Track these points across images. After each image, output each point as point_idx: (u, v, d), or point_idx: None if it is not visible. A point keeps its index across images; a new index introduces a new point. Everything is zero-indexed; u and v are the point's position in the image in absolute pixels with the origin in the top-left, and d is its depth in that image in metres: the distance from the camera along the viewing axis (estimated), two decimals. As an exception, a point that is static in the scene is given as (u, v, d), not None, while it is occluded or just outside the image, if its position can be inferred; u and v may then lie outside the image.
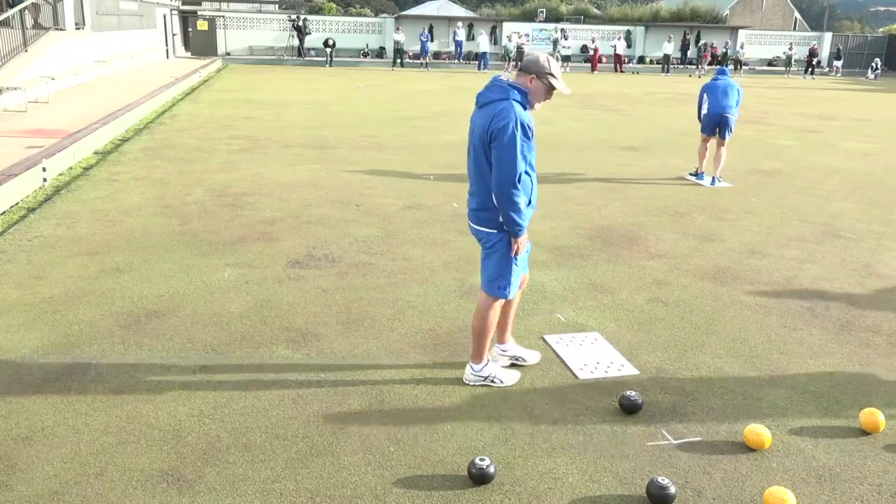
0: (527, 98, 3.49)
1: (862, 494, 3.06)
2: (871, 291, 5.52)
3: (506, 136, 3.36)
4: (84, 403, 3.57)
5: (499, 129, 3.37)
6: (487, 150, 3.45)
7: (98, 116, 12.60)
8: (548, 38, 38.05)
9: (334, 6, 66.90)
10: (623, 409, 3.62)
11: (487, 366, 3.86)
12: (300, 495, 2.95)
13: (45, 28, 16.35)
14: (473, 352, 3.85)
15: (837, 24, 79.81)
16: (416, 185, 8.63)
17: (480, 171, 3.53)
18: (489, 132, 3.41)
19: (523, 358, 4.08)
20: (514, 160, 3.38)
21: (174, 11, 32.06)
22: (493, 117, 3.40)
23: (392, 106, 16.88)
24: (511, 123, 3.36)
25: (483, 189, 3.54)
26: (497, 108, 3.43)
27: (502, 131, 3.36)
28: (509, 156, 3.37)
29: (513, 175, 3.39)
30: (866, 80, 35.44)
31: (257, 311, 4.78)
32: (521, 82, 3.51)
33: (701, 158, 9.67)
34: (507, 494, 2.99)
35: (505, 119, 3.37)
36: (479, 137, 3.48)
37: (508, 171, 3.39)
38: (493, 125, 3.39)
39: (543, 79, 3.49)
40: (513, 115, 3.38)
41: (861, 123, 16.72)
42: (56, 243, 6.08)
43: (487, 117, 3.44)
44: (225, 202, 7.57)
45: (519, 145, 3.38)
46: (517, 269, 3.70)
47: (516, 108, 3.42)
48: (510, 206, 3.43)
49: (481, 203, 3.57)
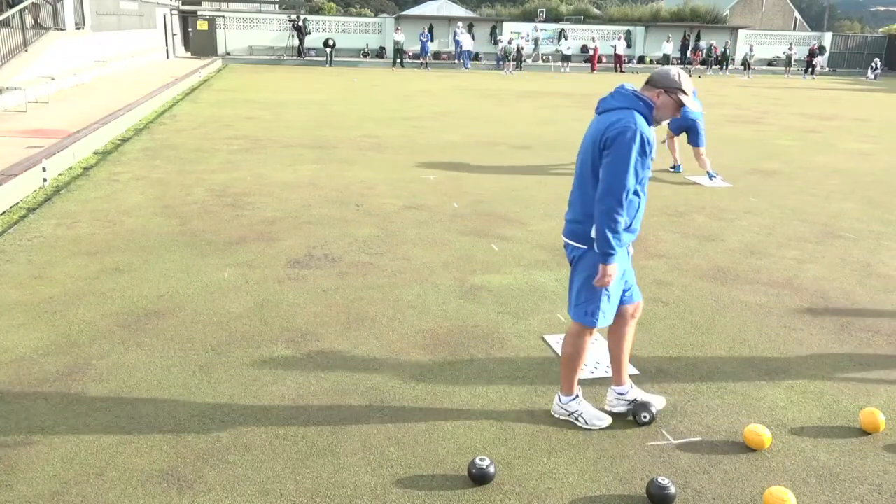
0: (651, 112, 3.19)
1: (862, 494, 3.06)
2: (871, 291, 5.52)
3: (622, 145, 3.06)
4: (84, 403, 3.57)
5: (614, 136, 3.08)
6: (597, 158, 3.16)
7: (98, 116, 12.60)
8: (549, 37, 38.10)
9: (334, 6, 66.92)
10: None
11: (575, 400, 3.52)
12: (300, 495, 2.95)
13: (45, 28, 16.35)
14: (561, 381, 3.53)
15: (837, 24, 79.85)
16: (416, 185, 8.63)
17: (584, 180, 3.24)
18: (603, 139, 3.12)
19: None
20: (625, 173, 3.07)
21: (174, 11, 32.06)
22: (611, 124, 3.12)
23: (392, 106, 16.88)
24: (629, 133, 3.07)
25: (581, 199, 3.25)
26: (617, 115, 3.15)
27: (618, 139, 3.07)
28: (620, 167, 3.07)
29: (620, 189, 3.08)
30: (866, 80, 35.45)
31: (257, 311, 4.78)
32: (649, 96, 3.21)
33: (673, 152, 10.06)
34: (507, 494, 2.98)
35: (624, 127, 3.08)
36: (591, 144, 3.20)
37: (616, 183, 3.07)
38: (609, 131, 3.10)
39: (673, 94, 3.18)
40: (633, 125, 3.08)
41: (861, 123, 16.71)
42: (56, 243, 6.08)
43: (604, 124, 3.16)
44: (225, 202, 7.57)
45: (634, 158, 3.08)
46: (610, 297, 3.34)
47: (639, 119, 3.12)
48: (607, 222, 3.10)
49: (576, 215, 3.29)
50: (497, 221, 7.14)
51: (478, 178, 9.18)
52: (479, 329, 4.59)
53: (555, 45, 36.84)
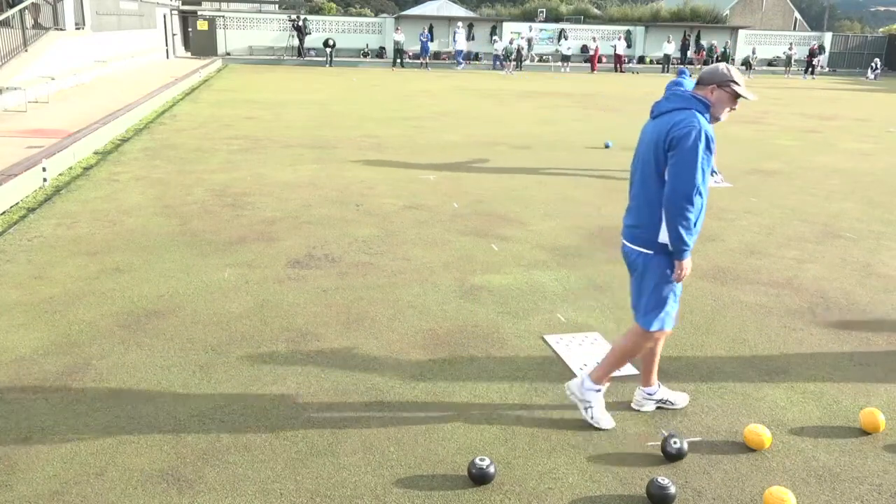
0: (709, 110, 3.25)
1: (862, 494, 3.06)
2: (871, 291, 5.52)
3: (688, 145, 3.11)
4: (84, 403, 3.57)
5: (680, 136, 3.13)
6: (661, 159, 3.20)
7: (98, 116, 12.60)
8: (549, 37, 38.09)
9: (334, 6, 66.91)
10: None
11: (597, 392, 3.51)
12: (300, 495, 2.95)
13: (45, 28, 16.34)
14: (596, 368, 3.54)
15: (837, 24, 79.84)
16: (416, 185, 8.63)
17: (646, 184, 3.27)
18: (667, 140, 3.17)
19: (671, 401, 3.68)
20: (694, 172, 3.12)
21: (174, 11, 32.06)
22: (674, 125, 3.17)
23: (392, 106, 16.88)
24: (695, 132, 3.12)
25: (644, 204, 3.29)
26: (678, 116, 3.19)
27: (684, 139, 3.12)
28: (689, 166, 3.12)
29: (690, 188, 3.13)
30: (866, 80, 35.45)
31: (257, 311, 4.78)
32: (702, 94, 3.27)
33: None
34: (507, 494, 2.98)
35: (689, 126, 3.13)
36: (652, 147, 3.24)
37: (686, 182, 3.13)
38: (674, 133, 3.15)
39: (726, 87, 3.24)
40: (697, 124, 3.14)
41: (861, 123, 16.71)
42: (56, 243, 6.08)
43: (665, 126, 3.20)
44: (225, 202, 7.57)
45: (701, 157, 3.13)
46: (676, 297, 3.37)
47: (700, 118, 3.18)
48: (680, 221, 3.15)
49: (639, 219, 3.33)
50: (497, 221, 7.14)
51: (478, 178, 9.18)
52: (479, 329, 4.59)
53: (555, 45, 36.84)
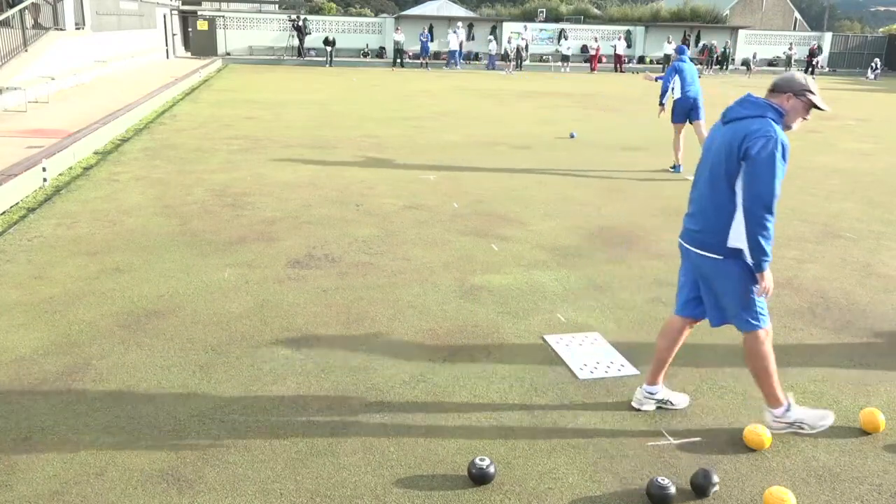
0: (782, 118, 3.22)
1: (862, 494, 3.06)
2: (871, 291, 5.52)
3: (765, 154, 3.09)
4: (84, 403, 3.57)
5: (758, 146, 3.10)
6: (734, 167, 3.18)
7: (98, 116, 12.60)
8: (549, 37, 38.07)
9: (334, 6, 66.90)
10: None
11: (790, 410, 3.45)
12: (300, 495, 2.95)
13: (45, 28, 16.35)
14: (765, 396, 3.47)
15: (837, 24, 79.84)
16: (416, 185, 8.63)
17: (717, 190, 3.25)
18: (742, 148, 3.13)
19: (671, 402, 3.68)
20: (773, 182, 3.10)
21: (174, 11, 32.06)
22: (748, 134, 3.14)
23: (392, 106, 16.88)
24: (772, 142, 3.09)
25: (710, 208, 3.30)
26: (752, 124, 3.16)
27: (762, 149, 3.09)
28: (768, 177, 3.10)
29: (770, 198, 3.12)
30: (866, 80, 35.44)
31: (257, 311, 4.78)
32: (777, 102, 3.24)
33: (677, 151, 10.05)
34: (507, 494, 2.98)
35: (765, 136, 3.10)
36: (724, 153, 3.21)
37: (765, 192, 3.11)
38: (750, 141, 3.12)
39: (801, 96, 3.22)
40: (774, 133, 3.11)
41: (861, 123, 16.72)
42: (56, 243, 6.08)
43: (739, 133, 3.17)
44: (225, 202, 7.57)
45: (778, 166, 3.10)
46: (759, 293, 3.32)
47: (775, 127, 3.15)
48: (760, 231, 3.14)
49: (706, 225, 3.32)
50: (497, 221, 7.14)
51: (478, 178, 9.18)
52: (479, 329, 4.59)
53: (555, 45, 36.83)
